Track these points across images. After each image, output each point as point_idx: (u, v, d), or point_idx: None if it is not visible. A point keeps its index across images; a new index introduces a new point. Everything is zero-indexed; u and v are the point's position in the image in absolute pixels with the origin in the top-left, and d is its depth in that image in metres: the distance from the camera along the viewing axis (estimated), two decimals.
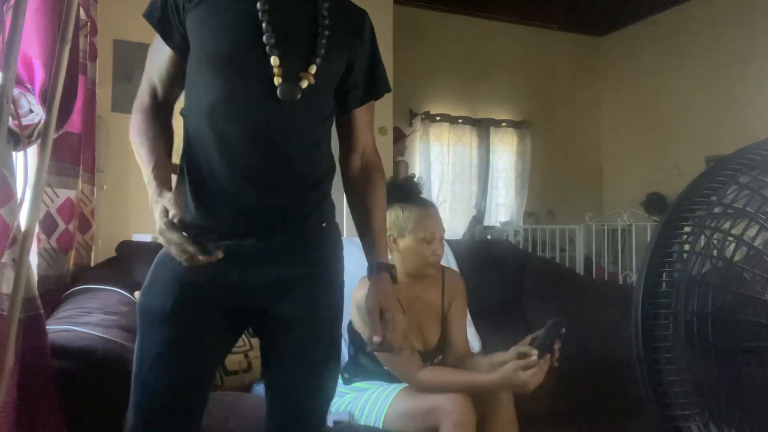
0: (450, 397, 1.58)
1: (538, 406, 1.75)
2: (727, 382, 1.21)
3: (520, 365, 1.56)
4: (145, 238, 2.76)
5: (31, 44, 1.37)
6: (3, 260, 1.14)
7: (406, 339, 1.73)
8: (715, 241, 1.25)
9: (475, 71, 6.04)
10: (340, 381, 1.90)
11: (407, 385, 1.74)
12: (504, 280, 2.67)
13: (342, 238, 1.37)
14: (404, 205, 1.83)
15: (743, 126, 4.96)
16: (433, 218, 1.83)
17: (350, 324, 1.85)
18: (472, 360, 1.82)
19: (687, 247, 1.26)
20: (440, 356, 1.89)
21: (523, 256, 2.95)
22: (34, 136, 1.37)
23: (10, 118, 1.16)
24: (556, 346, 1.58)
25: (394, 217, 1.83)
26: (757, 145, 1.30)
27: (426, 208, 1.84)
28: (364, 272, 1.40)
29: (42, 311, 1.26)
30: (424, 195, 1.93)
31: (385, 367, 1.76)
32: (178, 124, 1.27)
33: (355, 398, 1.79)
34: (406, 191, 1.85)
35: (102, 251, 2.56)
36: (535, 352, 1.55)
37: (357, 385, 1.84)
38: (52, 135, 1.19)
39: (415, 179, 1.90)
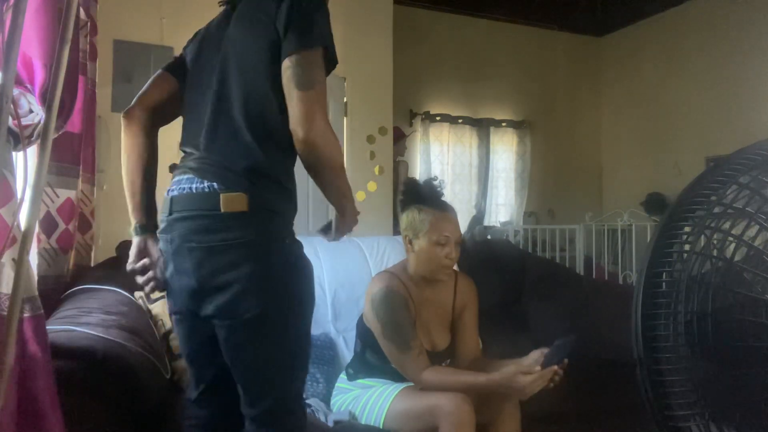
0: (449, 397, 1.58)
1: (539, 406, 1.75)
2: (727, 382, 1.21)
3: (521, 370, 1.57)
4: None
5: (31, 44, 1.37)
6: (3, 260, 1.14)
7: (416, 338, 1.74)
8: (715, 241, 1.25)
9: (475, 71, 6.04)
10: (344, 377, 1.90)
11: (409, 384, 1.74)
12: (504, 280, 2.67)
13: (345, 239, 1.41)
14: (421, 207, 1.82)
15: (743, 126, 4.96)
16: (449, 222, 1.81)
17: (361, 318, 1.86)
18: (483, 365, 1.82)
19: (687, 247, 1.26)
20: (449, 360, 1.89)
21: (523, 256, 2.95)
22: (34, 136, 1.37)
23: (10, 118, 1.16)
24: (562, 363, 1.59)
25: (411, 218, 1.83)
26: (757, 145, 1.30)
27: (443, 211, 1.83)
28: (366, 270, 1.41)
29: (42, 311, 1.26)
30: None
31: (391, 365, 1.77)
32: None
33: (357, 396, 1.79)
34: (425, 193, 1.85)
35: (102, 251, 2.56)
36: (537, 368, 1.56)
37: (361, 381, 1.84)
38: (52, 135, 1.19)
39: (436, 181, 1.88)
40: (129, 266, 1.38)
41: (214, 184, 1.23)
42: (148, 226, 1.40)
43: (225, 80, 1.29)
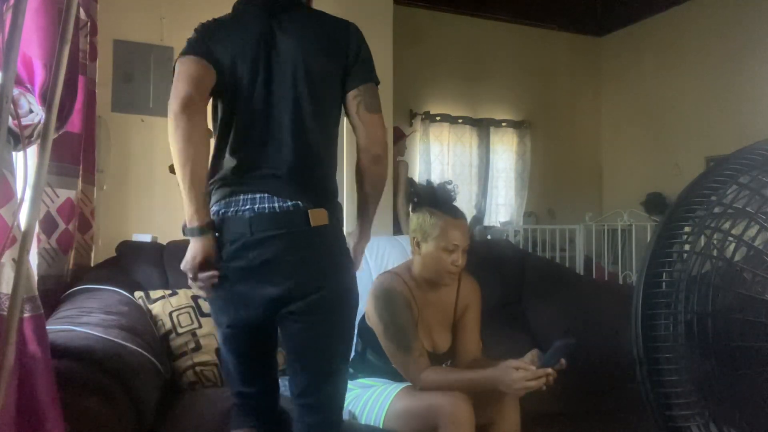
0: (448, 397, 1.58)
1: (539, 406, 1.76)
2: (727, 382, 1.21)
3: (514, 365, 1.57)
4: (145, 238, 2.75)
5: (31, 44, 1.37)
6: (3, 260, 1.13)
7: (417, 340, 1.74)
8: (715, 241, 1.25)
9: (475, 71, 6.03)
10: None
11: (408, 384, 1.74)
12: (504, 280, 2.67)
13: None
14: (433, 211, 1.81)
15: (743, 126, 4.96)
16: (459, 229, 1.81)
17: (363, 318, 1.85)
18: (482, 366, 1.82)
19: (687, 247, 1.26)
20: (449, 361, 1.89)
21: (523, 256, 2.95)
22: (34, 136, 1.37)
23: (10, 118, 1.16)
24: (560, 364, 1.58)
25: (420, 220, 1.83)
26: (757, 145, 1.30)
27: (455, 218, 1.82)
28: (366, 271, 1.42)
29: (42, 311, 1.26)
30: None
31: (392, 365, 1.77)
32: None
33: (358, 396, 1.79)
34: (439, 197, 1.84)
35: (102, 251, 2.56)
36: (532, 368, 1.55)
37: (361, 381, 1.84)
38: (52, 135, 1.19)
39: (451, 186, 1.88)
40: (195, 273, 1.33)
41: (299, 202, 1.33)
42: (210, 225, 1.33)
43: (302, 107, 1.36)
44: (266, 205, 1.32)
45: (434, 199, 1.84)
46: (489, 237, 5.35)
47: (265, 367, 1.48)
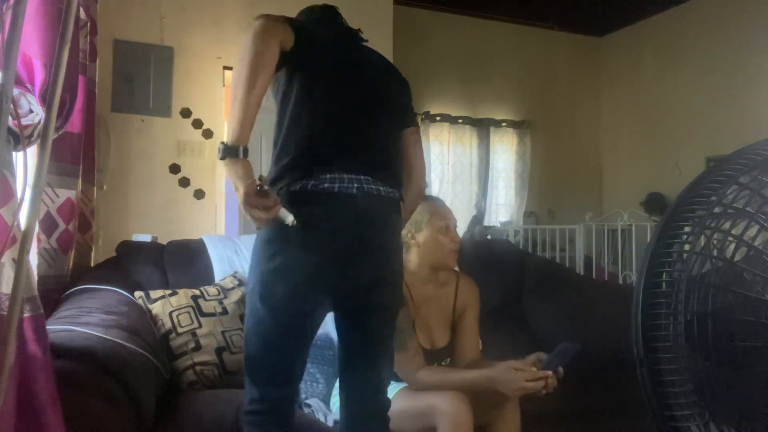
0: (447, 397, 1.58)
1: (539, 406, 1.75)
2: (727, 382, 1.21)
3: (514, 366, 1.57)
4: (145, 238, 2.76)
5: (31, 44, 1.37)
6: (3, 260, 1.14)
7: (413, 339, 1.74)
8: (715, 241, 1.25)
9: (475, 71, 6.03)
10: None
11: (407, 384, 1.74)
12: (504, 280, 2.67)
13: None
14: None
15: (743, 126, 4.96)
16: (445, 208, 1.88)
17: None
18: (481, 366, 1.82)
19: (687, 247, 1.26)
20: (448, 359, 1.90)
21: (523, 256, 2.95)
22: (34, 136, 1.37)
23: (10, 118, 1.16)
24: (557, 372, 1.58)
25: None
26: (757, 145, 1.30)
27: (434, 200, 1.90)
28: None
29: (42, 311, 1.26)
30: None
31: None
32: None
33: None
34: None
35: (102, 251, 2.57)
36: (532, 369, 1.55)
37: None
38: (52, 135, 1.19)
39: None
40: (255, 193, 1.19)
41: (396, 191, 1.41)
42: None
43: (384, 119, 1.48)
44: (373, 187, 1.34)
45: None
46: (489, 237, 5.35)
47: (305, 365, 1.42)
